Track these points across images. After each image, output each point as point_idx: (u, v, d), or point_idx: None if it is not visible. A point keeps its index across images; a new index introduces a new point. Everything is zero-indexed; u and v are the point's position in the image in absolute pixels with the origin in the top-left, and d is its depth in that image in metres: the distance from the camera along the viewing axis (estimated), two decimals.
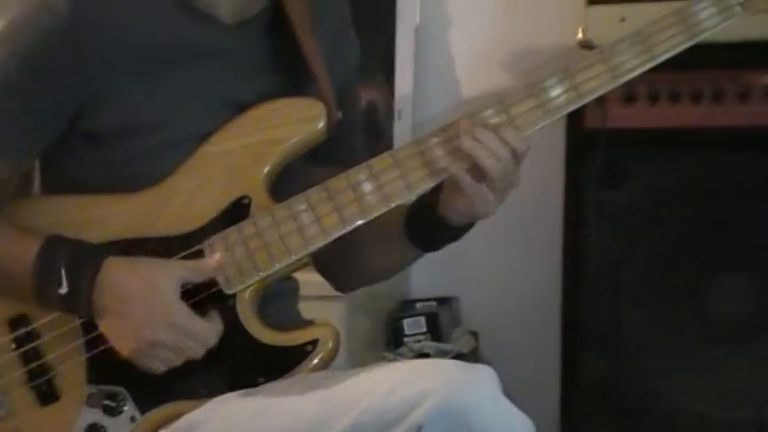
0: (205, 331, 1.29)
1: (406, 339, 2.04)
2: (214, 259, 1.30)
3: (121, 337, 1.29)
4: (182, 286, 1.30)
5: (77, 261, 1.29)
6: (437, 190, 1.35)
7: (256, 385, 1.31)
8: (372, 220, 1.34)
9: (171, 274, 1.29)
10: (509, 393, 1.18)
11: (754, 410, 1.79)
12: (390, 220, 1.38)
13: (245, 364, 1.34)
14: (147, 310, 1.28)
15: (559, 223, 1.95)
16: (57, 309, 1.34)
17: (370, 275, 1.54)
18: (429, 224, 1.36)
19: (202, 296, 1.33)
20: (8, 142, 1.34)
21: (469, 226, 1.37)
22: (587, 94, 1.26)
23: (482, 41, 2.26)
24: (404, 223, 1.39)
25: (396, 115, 2.23)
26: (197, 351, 1.30)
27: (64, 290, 1.29)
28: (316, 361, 1.31)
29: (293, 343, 1.33)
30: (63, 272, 1.28)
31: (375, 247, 1.45)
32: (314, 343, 1.32)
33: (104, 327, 1.30)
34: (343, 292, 1.58)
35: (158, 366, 1.29)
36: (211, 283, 1.32)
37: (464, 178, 1.27)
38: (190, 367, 1.32)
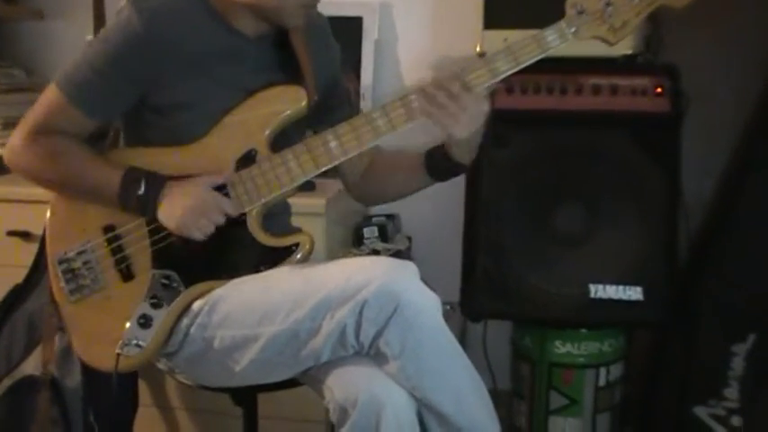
0: (222, 201, 1.47)
1: (365, 241, 2.30)
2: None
3: (172, 217, 1.46)
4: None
5: (150, 175, 1.49)
6: (441, 145, 1.50)
7: (259, 272, 1.50)
8: (398, 163, 1.57)
9: (205, 180, 1.49)
10: (426, 279, 1.38)
11: (579, 288, 2.09)
12: (415, 162, 1.56)
13: (252, 257, 1.51)
14: (188, 198, 1.46)
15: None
16: (133, 207, 1.47)
17: (390, 198, 1.73)
18: (441, 161, 1.55)
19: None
20: (93, 107, 1.51)
21: (465, 167, 1.53)
22: (474, 88, 1.44)
23: (417, 51, 2.58)
24: (424, 163, 1.56)
25: (361, 97, 2.48)
26: (218, 218, 1.45)
27: (141, 191, 1.46)
28: (298, 257, 1.50)
29: (283, 244, 1.52)
30: (143, 181, 1.47)
31: (402, 179, 1.65)
32: (297, 245, 1.51)
33: (161, 213, 1.47)
34: (367, 206, 1.83)
35: (197, 234, 1.44)
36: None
37: (431, 111, 1.42)
38: (217, 257, 1.49)
